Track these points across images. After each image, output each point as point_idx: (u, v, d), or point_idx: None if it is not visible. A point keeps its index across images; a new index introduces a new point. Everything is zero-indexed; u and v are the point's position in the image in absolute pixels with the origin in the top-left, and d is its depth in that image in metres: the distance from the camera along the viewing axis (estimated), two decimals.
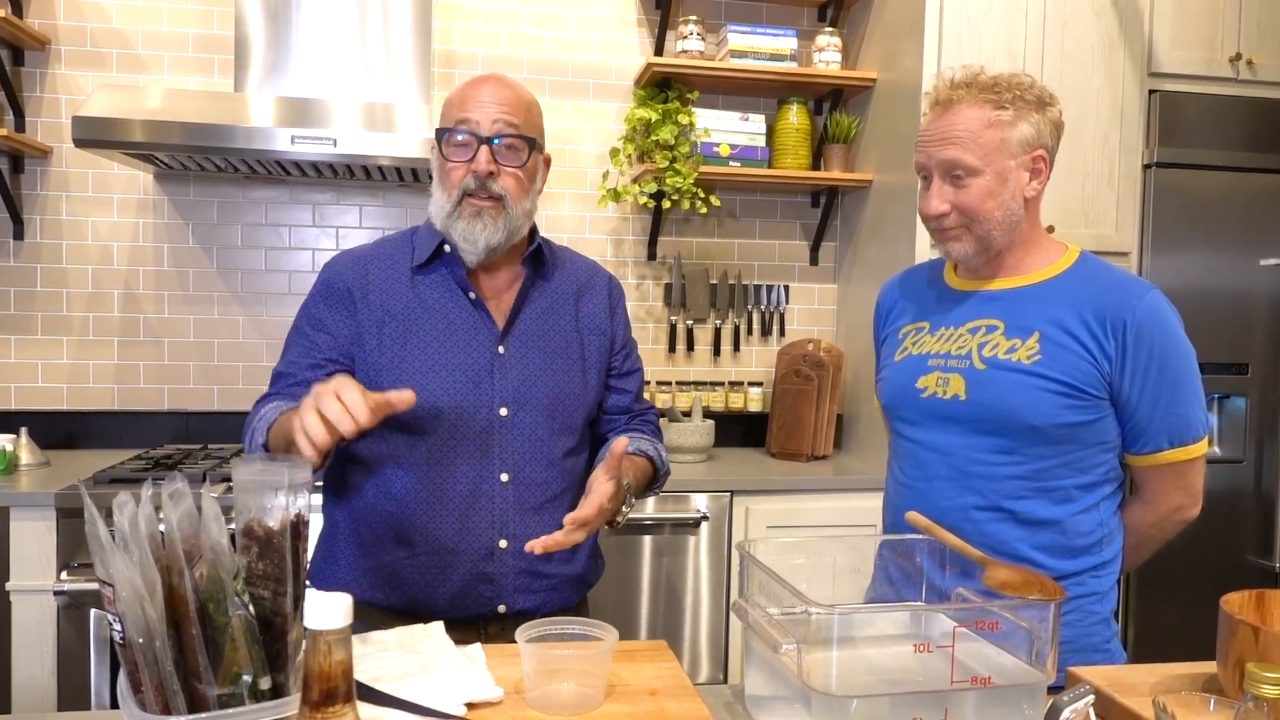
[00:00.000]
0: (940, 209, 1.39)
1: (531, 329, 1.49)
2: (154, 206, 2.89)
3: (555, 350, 1.50)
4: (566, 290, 1.56)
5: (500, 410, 1.43)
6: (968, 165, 1.36)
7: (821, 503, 2.65)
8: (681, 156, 2.86)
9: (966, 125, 1.36)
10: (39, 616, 2.23)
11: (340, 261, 1.50)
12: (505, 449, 1.44)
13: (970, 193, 1.37)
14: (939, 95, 1.41)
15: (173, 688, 0.82)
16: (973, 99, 1.37)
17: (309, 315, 1.47)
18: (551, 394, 1.47)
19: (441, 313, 1.45)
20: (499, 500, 1.43)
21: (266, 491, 0.87)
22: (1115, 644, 1.44)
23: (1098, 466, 1.39)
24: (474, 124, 1.41)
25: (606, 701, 1.10)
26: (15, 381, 2.84)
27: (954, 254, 1.44)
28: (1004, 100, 1.36)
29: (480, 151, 1.41)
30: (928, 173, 1.42)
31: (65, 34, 2.82)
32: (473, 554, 1.42)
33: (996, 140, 1.36)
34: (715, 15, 3.13)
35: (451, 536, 1.41)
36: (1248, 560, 2.80)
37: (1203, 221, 2.75)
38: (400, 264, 1.48)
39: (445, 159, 1.43)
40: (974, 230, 1.39)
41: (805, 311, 3.30)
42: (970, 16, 2.61)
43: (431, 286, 1.47)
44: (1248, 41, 2.77)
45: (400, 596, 1.42)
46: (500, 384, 1.44)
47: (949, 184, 1.38)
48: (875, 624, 1.15)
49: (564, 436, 1.49)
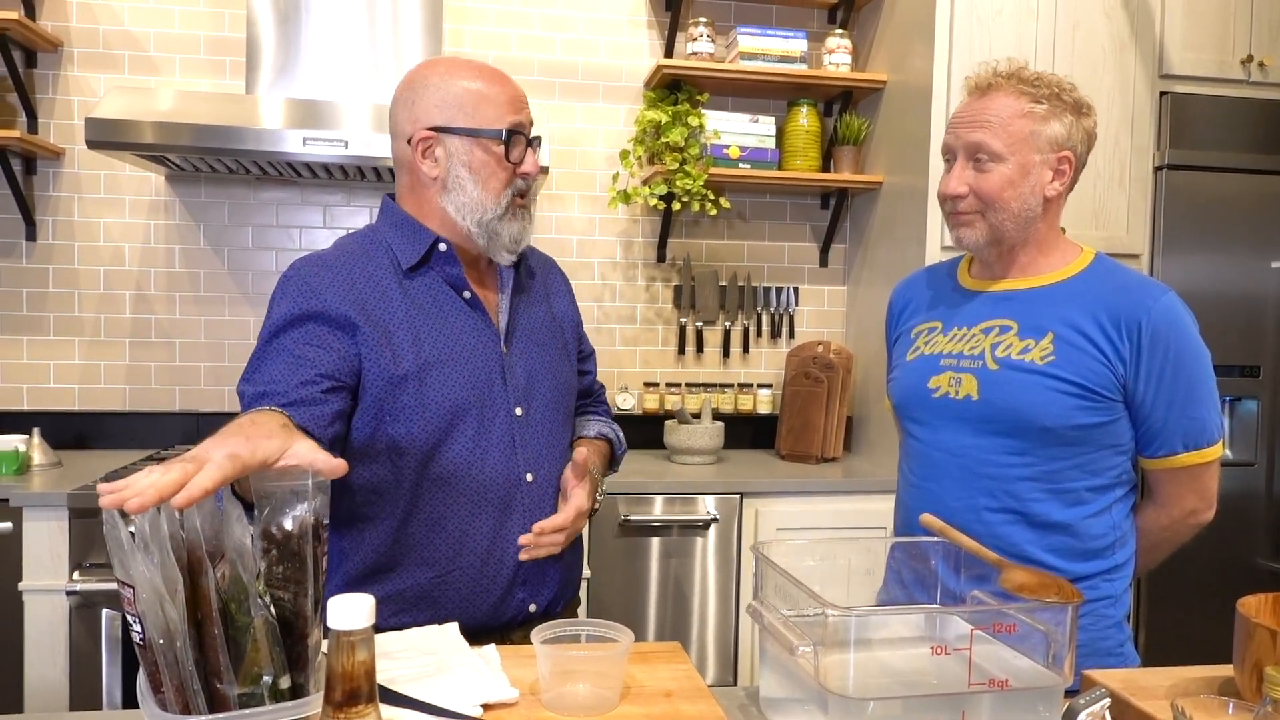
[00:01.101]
0: (959, 190, 1.40)
1: (525, 324, 1.49)
2: (165, 208, 2.90)
3: (546, 343, 1.50)
4: (538, 281, 1.56)
5: (516, 410, 1.43)
6: (992, 150, 1.37)
7: (831, 505, 2.65)
8: (691, 158, 2.86)
9: (999, 112, 1.37)
10: (51, 616, 2.24)
11: (316, 277, 1.34)
12: (527, 449, 1.43)
13: (990, 178, 1.37)
14: (979, 80, 1.42)
15: (193, 687, 0.82)
16: (1011, 88, 1.38)
17: (291, 331, 1.30)
18: (553, 387, 1.48)
19: (440, 315, 1.39)
20: (528, 502, 1.42)
21: (286, 495, 0.87)
22: (1129, 648, 1.43)
23: (1110, 469, 1.39)
24: (526, 126, 1.41)
25: (622, 703, 1.10)
26: (27, 382, 2.85)
27: (965, 240, 1.43)
28: (1041, 95, 1.37)
29: (530, 154, 1.41)
30: (952, 155, 1.42)
31: (78, 36, 2.83)
32: (510, 560, 1.39)
33: (1026, 132, 1.36)
34: (725, 17, 3.14)
35: (489, 547, 1.38)
36: (1259, 563, 2.79)
37: (1214, 223, 2.75)
38: (382, 267, 1.38)
39: (508, 160, 1.38)
40: (988, 217, 1.40)
41: (815, 313, 3.30)
42: (981, 18, 2.61)
43: (424, 289, 1.39)
44: (1259, 43, 2.76)
45: (431, 617, 1.35)
46: (511, 384, 1.43)
47: (971, 167, 1.39)
48: (891, 626, 1.15)
49: (566, 427, 1.52)
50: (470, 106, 1.37)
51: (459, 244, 1.42)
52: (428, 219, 1.41)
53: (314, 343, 1.29)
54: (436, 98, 1.38)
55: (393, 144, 1.43)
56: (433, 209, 1.41)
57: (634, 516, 2.55)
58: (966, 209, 1.41)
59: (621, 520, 2.54)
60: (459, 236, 1.41)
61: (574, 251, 3.14)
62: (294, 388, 1.25)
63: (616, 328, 3.18)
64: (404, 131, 1.39)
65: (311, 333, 1.30)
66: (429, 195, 1.40)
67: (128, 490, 0.79)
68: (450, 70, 1.40)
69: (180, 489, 0.80)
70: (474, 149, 1.37)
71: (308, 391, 1.25)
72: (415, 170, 1.40)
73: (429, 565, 1.38)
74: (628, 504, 2.55)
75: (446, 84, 1.38)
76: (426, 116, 1.37)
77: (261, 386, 1.26)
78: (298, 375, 1.26)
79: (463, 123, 1.37)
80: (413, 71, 1.43)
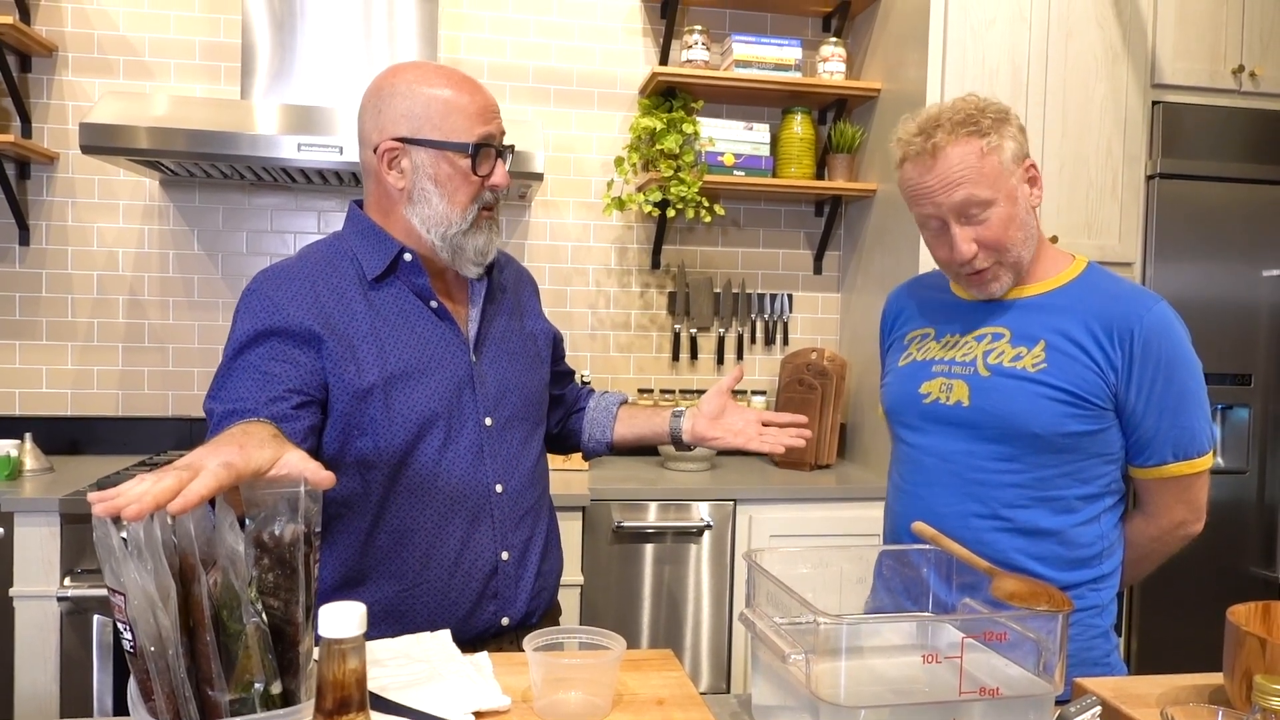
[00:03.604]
0: (970, 252, 1.37)
1: (495, 334, 1.47)
2: (160, 213, 2.90)
3: (517, 352, 1.49)
4: (510, 289, 1.54)
5: (485, 420, 1.41)
6: (982, 199, 1.34)
7: (825, 512, 2.65)
8: (686, 165, 2.87)
9: (964, 162, 1.34)
10: (42, 622, 2.23)
11: (278, 291, 1.31)
12: (495, 459, 1.41)
13: (992, 225, 1.36)
14: (916, 148, 1.37)
15: (184, 695, 0.82)
16: (955, 138, 1.34)
17: (256, 348, 1.28)
18: (523, 397, 1.47)
19: (407, 326, 1.36)
20: (497, 513, 1.41)
21: (279, 502, 0.87)
22: (1115, 658, 1.43)
23: (1100, 478, 1.39)
24: (496, 138, 1.37)
25: (613, 711, 1.10)
26: (19, 387, 2.84)
27: (994, 293, 1.42)
28: (982, 128, 1.34)
29: (499, 166, 1.37)
30: (939, 222, 1.39)
31: (73, 41, 2.83)
32: (479, 573, 1.38)
33: (996, 166, 1.34)
34: (720, 25, 3.15)
35: (456, 559, 1.37)
36: (1250, 571, 2.80)
37: (1206, 232, 2.76)
38: (346, 278, 1.36)
39: (475, 174, 1.35)
40: (1005, 261, 1.39)
41: (809, 320, 3.30)
42: (974, 27, 2.63)
43: (389, 300, 1.37)
44: (1250, 53, 2.78)
45: (399, 630, 1.32)
46: (480, 394, 1.41)
47: (967, 225, 1.37)
48: (883, 634, 1.15)
49: (534, 439, 1.50)
50: (438, 117, 1.33)
51: (425, 254, 1.39)
52: (393, 228, 1.38)
53: (279, 358, 1.27)
54: (403, 106, 1.33)
55: (360, 150, 1.40)
56: (398, 219, 1.38)
57: (627, 523, 2.55)
58: (984, 264, 1.39)
59: (615, 526, 2.54)
60: (424, 247, 1.38)
61: (568, 258, 3.14)
62: (263, 404, 1.23)
63: (611, 334, 3.18)
64: (370, 140, 1.36)
65: (275, 349, 1.28)
66: (394, 205, 1.37)
67: (121, 499, 0.78)
68: (418, 77, 1.35)
69: (177, 495, 0.80)
70: (440, 162, 1.34)
71: (278, 408, 1.24)
72: (381, 180, 1.36)
73: (396, 578, 1.36)
74: (621, 510, 2.55)
75: (413, 92, 1.33)
76: (393, 126, 1.33)
77: (230, 404, 1.23)
78: (266, 392, 1.24)
79: (429, 134, 1.33)
80: (380, 77, 1.38)
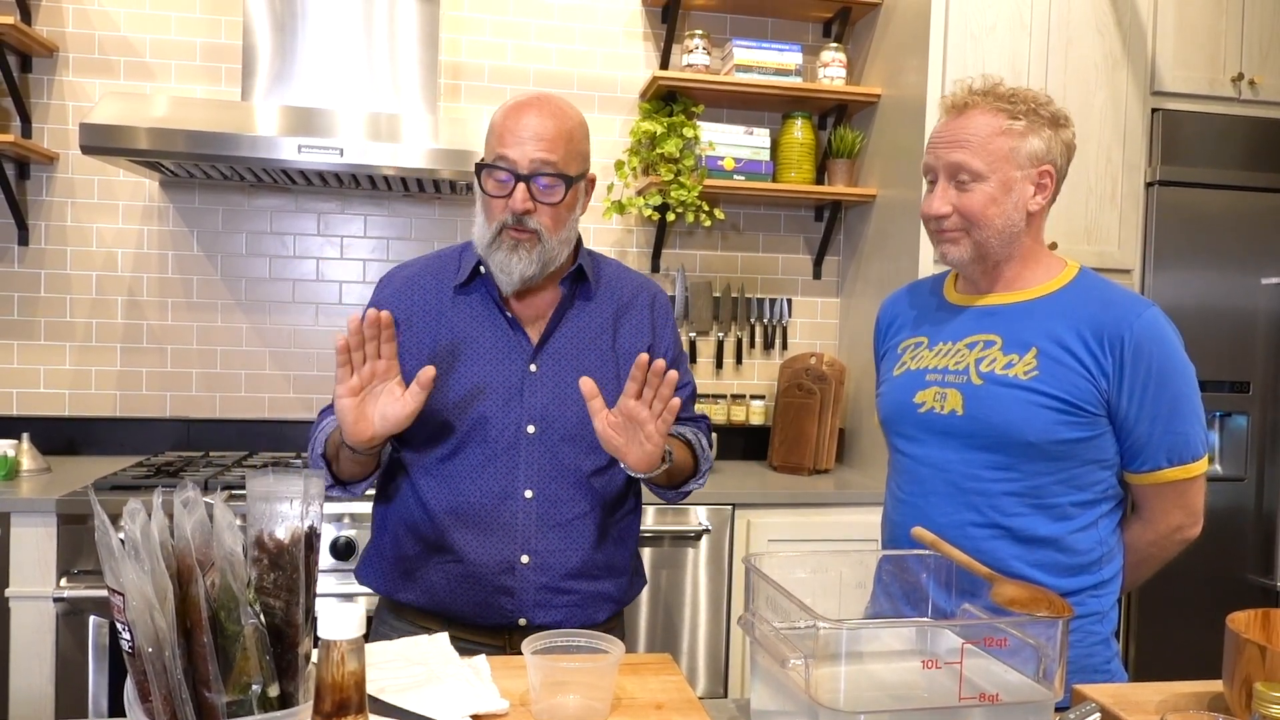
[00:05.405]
0: (942, 210, 1.40)
1: (565, 348, 1.50)
2: (159, 214, 2.90)
3: (589, 370, 1.49)
4: (606, 310, 1.55)
5: (528, 428, 1.46)
6: (973, 170, 1.37)
7: (823, 517, 2.65)
8: (686, 170, 2.87)
9: (977, 130, 1.37)
10: (38, 623, 2.22)
11: (389, 285, 1.55)
12: (531, 466, 1.46)
13: (973, 197, 1.38)
14: (955, 100, 1.42)
15: (181, 696, 0.81)
16: (987, 106, 1.38)
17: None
18: (580, 414, 1.45)
19: (477, 332, 1.48)
20: (522, 516, 1.45)
21: (279, 503, 0.87)
22: (1116, 664, 1.43)
23: (1096, 484, 1.39)
24: (512, 162, 1.40)
25: (612, 715, 1.09)
26: (17, 387, 2.84)
27: (950, 257, 1.44)
28: (1018, 111, 1.37)
29: (517, 189, 1.40)
30: (934, 175, 1.43)
31: (73, 41, 2.83)
32: (493, 567, 1.44)
33: (1005, 149, 1.37)
34: (721, 30, 3.15)
35: (473, 549, 1.44)
36: (1249, 579, 2.80)
37: (1204, 240, 2.76)
38: (445, 282, 1.52)
39: (485, 193, 1.44)
40: (972, 235, 1.40)
41: (808, 325, 3.30)
42: (974, 34, 2.63)
43: (471, 305, 1.50)
44: (1250, 62, 2.79)
45: (429, 599, 1.47)
46: (530, 401, 1.46)
47: (953, 187, 1.40)
48: (882, 639, 1.15)
49: (593, 456, 1.48)
50: (487, 137, 1.46)
51: None
52: None
53: None
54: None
55: None
56: None
57: None
58: (951, 227, 1.41)
59: None
60: None
61: None
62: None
63: None
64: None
65: None
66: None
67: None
68: (505, 103, 1.47)
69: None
70: (481, 180, 1.45)
71: None
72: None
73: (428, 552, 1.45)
74: None
75: (494, 115, 1.47)
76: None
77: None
78: None
79: (483, 154, 1.47)
80: None
